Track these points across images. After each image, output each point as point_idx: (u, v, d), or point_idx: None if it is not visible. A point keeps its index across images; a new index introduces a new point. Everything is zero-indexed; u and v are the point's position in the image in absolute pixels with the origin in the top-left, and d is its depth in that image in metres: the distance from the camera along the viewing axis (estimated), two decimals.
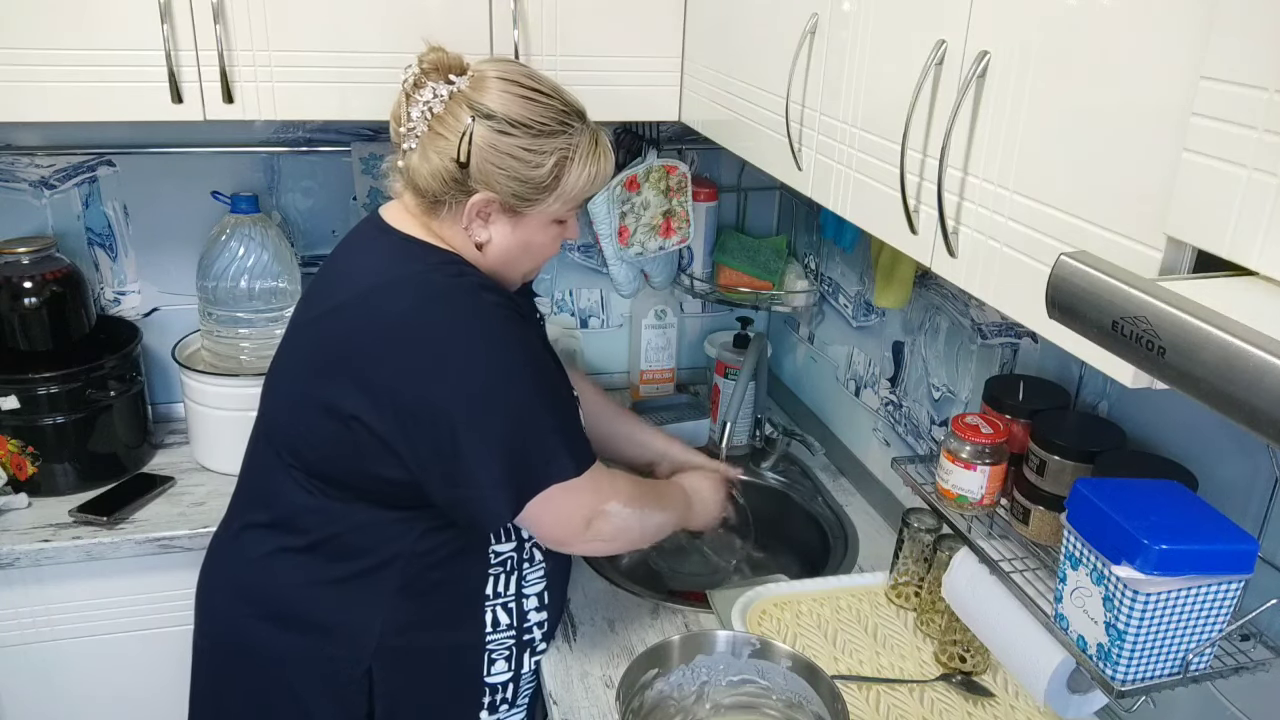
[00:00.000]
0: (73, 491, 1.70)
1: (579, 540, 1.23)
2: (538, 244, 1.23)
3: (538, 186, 1.17)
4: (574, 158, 1.18)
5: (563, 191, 1.19)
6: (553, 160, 1.17)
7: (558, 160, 1.17)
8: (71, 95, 1.44)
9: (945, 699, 1.28)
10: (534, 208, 1.19)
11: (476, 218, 1.18)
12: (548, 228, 1.23)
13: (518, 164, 1.16)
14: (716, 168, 2.08)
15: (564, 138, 1.18)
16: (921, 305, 1.61)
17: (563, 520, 1.20)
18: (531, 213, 1.20)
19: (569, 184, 1.19)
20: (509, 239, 1.21)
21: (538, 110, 1.16)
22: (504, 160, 1.15)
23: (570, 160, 1.18)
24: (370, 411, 1.13)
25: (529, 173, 1.16)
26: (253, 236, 1.75)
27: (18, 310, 1.67)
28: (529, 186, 1.17)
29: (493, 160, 1.15)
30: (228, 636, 1.31)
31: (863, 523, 1.72)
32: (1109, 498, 0.92)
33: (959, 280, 0.93)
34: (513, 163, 1.15)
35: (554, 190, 1.19)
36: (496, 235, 1.20)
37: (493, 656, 1.30)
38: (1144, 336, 0.56)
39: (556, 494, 1.16)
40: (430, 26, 1.49)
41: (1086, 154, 0.76)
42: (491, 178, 1.16)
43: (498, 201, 1.17)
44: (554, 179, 1.18)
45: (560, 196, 1.20)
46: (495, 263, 1.22)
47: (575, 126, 1.19)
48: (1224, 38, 0.61)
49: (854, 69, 1.09)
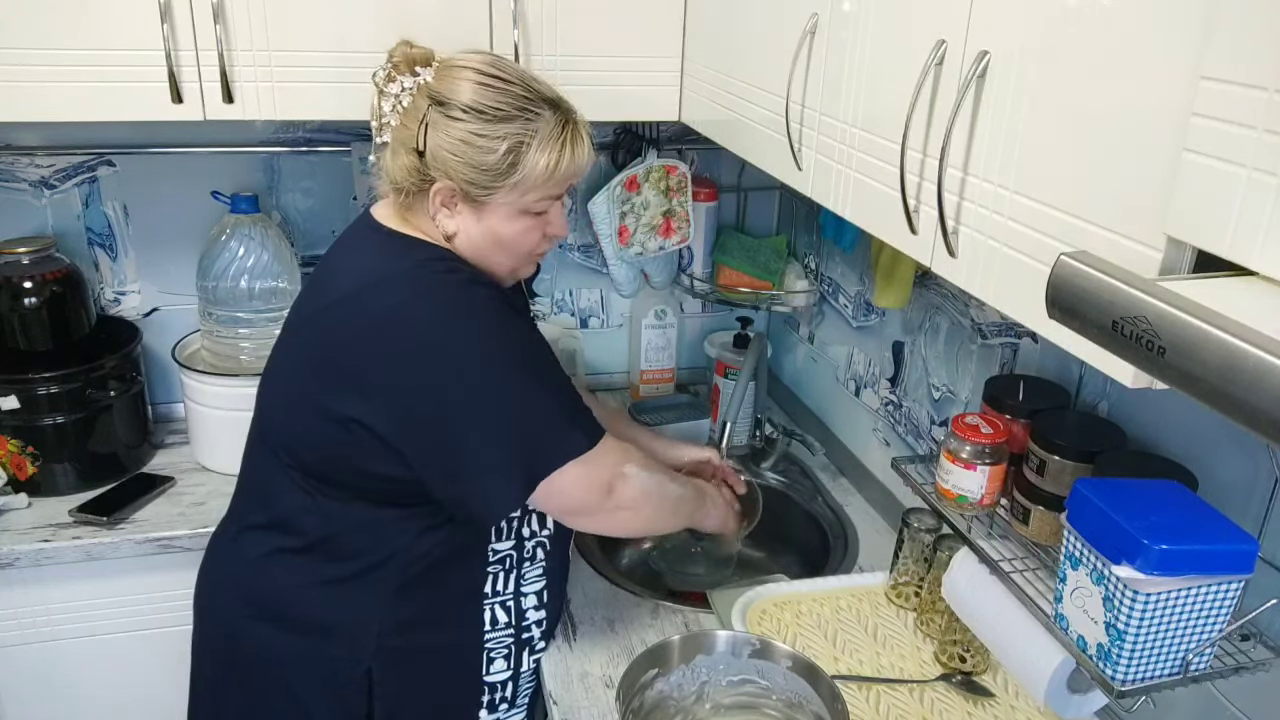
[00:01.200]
0: (73, 491, 1.70)
1: (602, 508, 1.22)
2: (508, 235, 1.19)
3: (492, 173, 1.14)
4: (531, 144, 1.14)
5: (523, 179, 1.15)
6: (505, 145, 1.13)
7: (511, 146, 1.14)
8: (71, 95, 1.44)
9: (945, 699, 1.28)
10: (493, 196, 1.16)
11: (441, 208, 1.17)
12: (516, 218, 1.19)
13: (470, 149, 1.13)
14: (716, 168, 2.08)
15: (520, 123, 1.14)
16: (921, 305, 1.61)
17: (583, 490, 1.19)
18: (492, 201, 1.16)
19: (528, 171, 1.15)
20: (474, 229, 1.18)
21: (492, 95, 1.14)
22: (456, 146, 1.14)
23: (527, 146, 1.14)
24: (368, 411, 1.13)
25: (481, 158, 1.14)
26: (253, 236, 1.75)
27: (18, 310, 1.67)
28: (483, 173, 1.14)
29: (446, 146, 1.14)
30: (227, 637, 1.30)
31: (863, 523, 1.72)
32: (1109, 498, 0.92)
33: (959, 280, 0.93)
34: (465, 148, 1.14)
35: (510, 177, 1.15)
36: (462, 226, 1.18)
37: (491, 655, 1.30)
38: (1144, 336, 0.56)
39: (572, 468, 1.16)
40: (430, 26, 1.50)
41: (1086, 154, 0.76)
42: (447, 165, 1.14)
43: (457, 190, 1.16)
44: (509, 165, 1.14)
45: (521, 185, 1.16)
46: (468, 255, 1.20)
47: (537, 113, 1.16)
48: (1224, 38, 0.60)
49: (854, 69, 1.09)
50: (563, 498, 1.20)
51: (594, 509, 1.22)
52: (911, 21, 0.98)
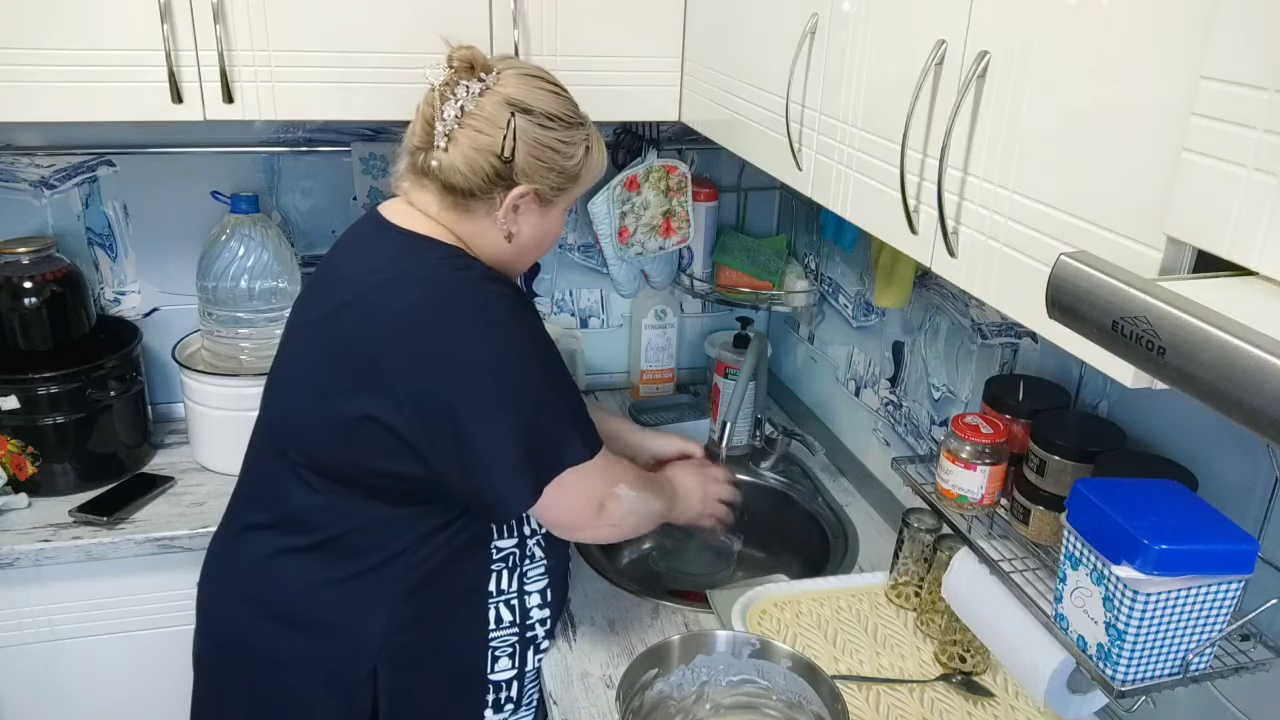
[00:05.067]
0: (73, 491, 1.70)
1: (590, 524, 1.25)
2: (554, 233, 1.29)
3: (569, 176, 1.24)
4: (592, 147, 1.26)
5: (583, 180, 1.27)
6: (582, 150, 1.24)
7: (584, 150, 1.24)
8: (71, 95, 1.44)
9: (945, 699, 1.28)
10: (563, 196, 1.25)
11: (512, 212, 1.22)
12: (561, 216, 1.29)
13: (556, 155, 1.21)
14: (716, 168, 2.08)
15: (583, 129, 1.25)
16: (921, 305, 1.61)
17: (577, 504, 1.22)
18: (560, 201, 1.26)
19: (588, 172, 1.27)
20: (536, 229, 1.26)
21: (564, 104, 1.23)
22: (545, 153, 1.20)
23: (590, 149, 1.25)
24: (386, 409, 1.13)
25: (565, 163, 1.22)
26: (253, 236, 1.75)
27: (18, 310, 1.67)
28: (564, 177, 1.23)
29: (535, 154, 1.19)
30: (230, 637, 1.31)
31: (863, 523, 1.72)
32: (1109, 498, 0.92)
33: (959, 280, 0.93)
34: (552, 155, 1.21)
35: (578, 179, 1.26)
36: (525, 226, 1.24)
37: (496, 654, 1.30)
38: (1144, 336, 0.56)
39: (570, 478, 1.18)
40: (430, 26, 1.50)
41: (1086, 154, 0.76)
42: (534, 170, 1.20)
43: (535, 193, 1.21)
44: (580, 168, 1.25)
45: (580, 184, 1.27)
46: (514, 253, 1.26)
47: (585, 118, 1.26)
48: (1224, 38, 0.60)
49: (854, 69, 1.09)
50: (558, 511, 1.21)
51: (583, 525, 1.25)
52: (911, 21, 0.98)
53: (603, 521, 1.24)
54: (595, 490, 1.23)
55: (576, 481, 1.19)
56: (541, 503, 1.17)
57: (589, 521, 1.24)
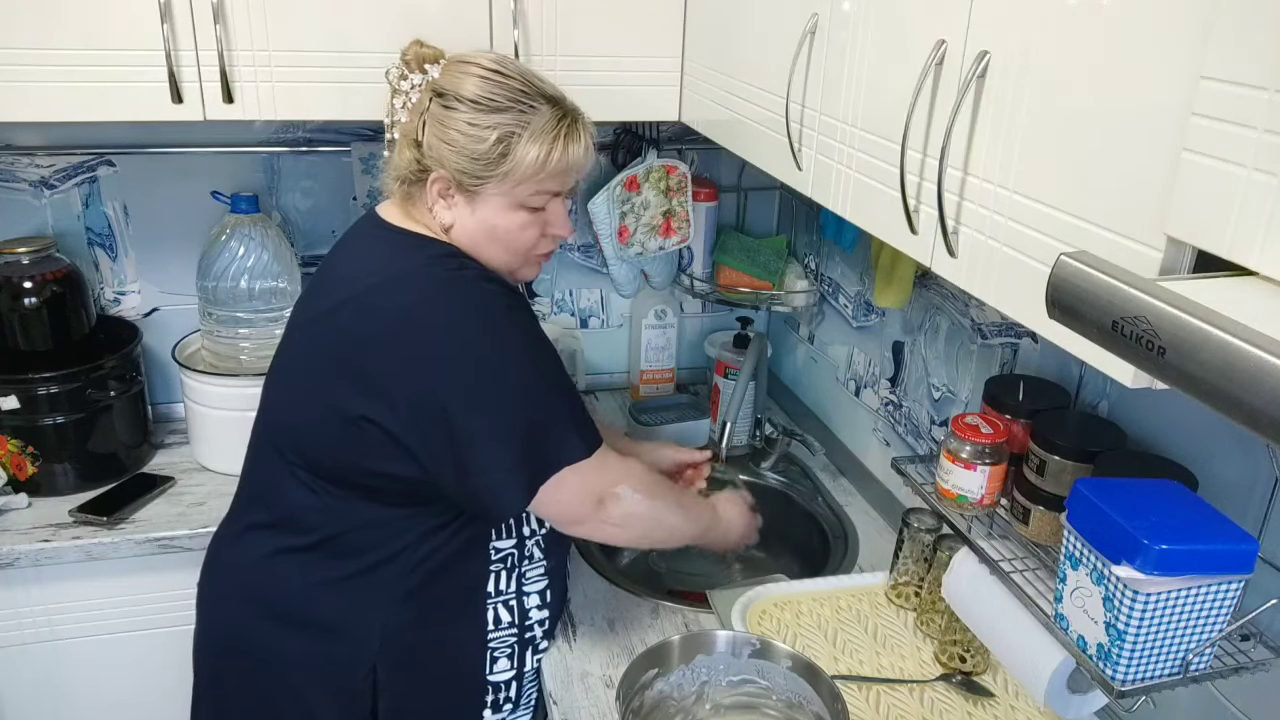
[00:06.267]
0: (73, 491, 1.70)
1: (592, 520, 1.23)
2: (503, 229, 1.20)
3: (482, 162, 1.16)
4: (524, 135, 1.16)
5: (512, 170, 1.16)
6: (495, 135, 1.15)
7: (501, 136, 1.15)
8: (71, 95, 1.44)
9: (945, 699, 1.28)
10: (484, 186, 1.17)
11: (438, 199, 1.20)
12: (511, 212, 1.19)
13: (462, 138, 1.16)
14: (716, 168, 2.08)
15: (513, 114, 1.16)
16: (921, 305, 1.61)
17: (575, 500, 1.21)
18: (484, 192, 1.18)
19: (517, 162, 1.16)
20: (469, 221, 1.20)
21: (488, 86, 1.16)
22: (449, 135, 1.16)
23: (518, 137, 1.16)
24: (380, 410, 1.13)
25: (472, 146, 1.16)
26: (253, 236, 1.75)
27: (18, 310, 1.67)
28: (474, 162, 1.16)
29: (440, 136, 1.17)
30: (230, 638, 1.31)
31: (863, 523, 1.72)
32: (1109, 498, 0.92)
33: (959, 280, 0.93)
34: (457, 136, 1.16)
35: (500, 167, 1.16)
36: (458, 218, 1.20)
37: (495, 655, 1.30)
38: (1144, 336, 0.56)
39: (568, 476, 1.17)
40: (430, 27, 1.49)
41: (1086, 154, 0.76)
42: (441, 154, 1.17)
43: (451, 180, 1.18)
44: (500, 155, 1.16)
45: (511, 176, 1.17)
46: (466, 249, 1.21)
47: (533, 107, 1.17)
48: (1224, 38, 0.60)
49: (854, 69, 1.09)
50: (557, 506, 1.21)
51: (584, 519, 1.24)
52: (911, 22, 0.98)
53: (603, 518, 1.23)
54: (594, 486, 1.21)
55: (574, 478, 1.18)
56: (539, 500, 1.17)
57: (589, 515, 1.23)
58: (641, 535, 1.32)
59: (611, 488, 1.23)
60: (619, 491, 1.24)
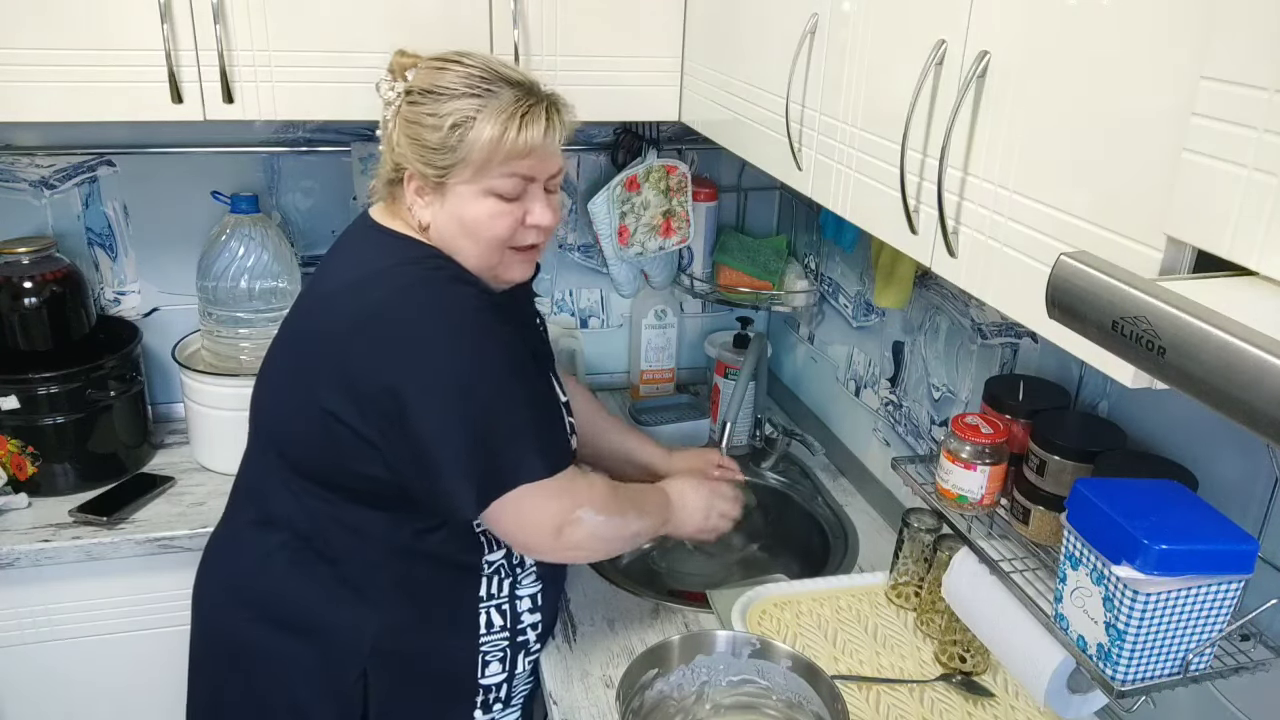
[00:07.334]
0: (73, 491, 1.70)
1: (550, 549, 1.21)
2: (472, 219, 1.17)
3: (440, 151, 1.14)
4: (478, 117, 1.13)
5: (470, 153, 1.14)
6: (449, 122, 1.13)
7: (456, 122, 1.13)
8: (71, 95, 1.44)
9: (945, 699, 1.28)
10: (448, 177, 1.15)
11: (416, 198, 1.19)
12: (479, 200, 1.16)
13: (421, 129, 1.15)
14: (716, 168, 2.08)
15: (469, 100, 1.14)
16: (921, 305, 1.61)
17: (531, 525, 1.17)
18: (450, 183, 1.16)
19: (473, 143, 1.13)
20: (441, 216, 1.18)
21: (447, 77, 1.15)
22: (412, 129, 1.16)
23: (473, 120, 1.13)
24: (345, 406, 1.13)
25: (429, 136, 1.14)
26: (253, 236, 1.75)
27: (18, 310, 1.67)
28: (432, 152, 1.15)
29: (405, 132, 1.17)
30: (223, 638, 1.31)
31: (863, 523, 1.72)
32: (1109, 498, 0.92)
33: (959, 280, 0.93)
34: (418, 129, 1.15)
35: (458, 152, 1.14)
36: (434, 216, 1.19)
37: (487, 658, 1.30)
38: (1144, 336, 0.56)
39: (526, 496, 1.13)
40: (430, 27, 1.50)
41: (1086, 154, 0.76)
42: (410, 151, 1.17)
43: (418, 177, 1.17)
44: (456, 141, 1.14)
45: (469, 161, 1.14)
46: (444, 247, 1.19)
47: (492, 91, 1.15)
48: (1224, 38, 0.60)
49: (854, 69, 1.09)
50: (517, 530, 1.18)
51: (540, 548, 1.22)
52: (911, 21, 0.98)
53: (563, 545, 1.19)
54: (552, 513, 1.16)
55: (532, 501, 1.14)
56: (493, 517, 1.15)
57: (545, 545, 1.19)
58: (605, 553, 1.30)
59: (573, 513, 1.18)
60: (579, 516, 1.19)
